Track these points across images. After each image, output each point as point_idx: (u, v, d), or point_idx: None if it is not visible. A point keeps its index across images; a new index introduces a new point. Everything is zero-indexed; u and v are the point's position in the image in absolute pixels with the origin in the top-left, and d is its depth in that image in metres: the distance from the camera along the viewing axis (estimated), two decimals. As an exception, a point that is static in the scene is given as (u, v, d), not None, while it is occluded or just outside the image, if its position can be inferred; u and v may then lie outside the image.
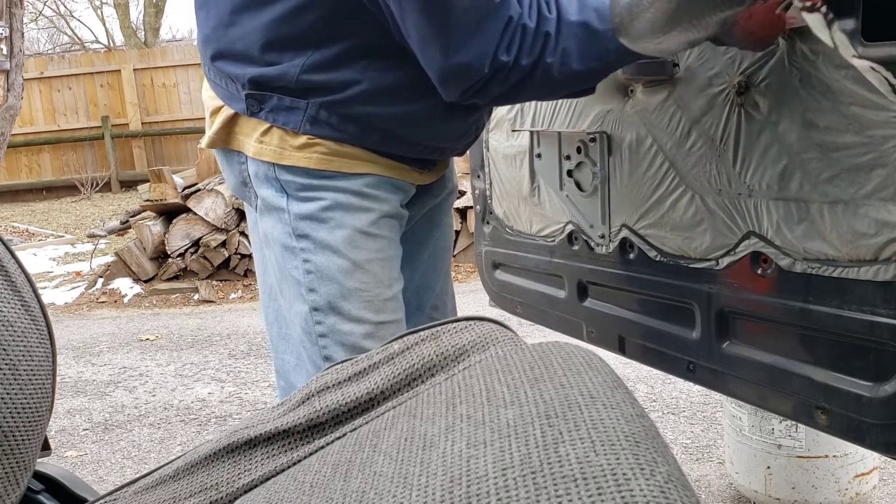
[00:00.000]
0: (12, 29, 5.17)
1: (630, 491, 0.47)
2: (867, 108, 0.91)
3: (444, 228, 1.43)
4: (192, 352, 3.72)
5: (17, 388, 0.78)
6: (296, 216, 1.17)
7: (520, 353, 0.74)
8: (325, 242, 1.16)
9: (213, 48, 1.18)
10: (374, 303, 1.19)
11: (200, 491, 0.77)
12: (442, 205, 1.40)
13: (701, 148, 1.15)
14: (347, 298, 1.17)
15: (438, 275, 1.43)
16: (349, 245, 1.16)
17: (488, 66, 1.02)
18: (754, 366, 1.13)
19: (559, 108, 1.43)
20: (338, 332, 1.18)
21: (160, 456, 2.58)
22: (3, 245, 0.87)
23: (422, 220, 1.36)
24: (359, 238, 1.17)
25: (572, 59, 1.04)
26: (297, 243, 1.17)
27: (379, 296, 1.19)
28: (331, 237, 1.16)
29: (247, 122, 1.17)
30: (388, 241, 1.21)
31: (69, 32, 17.19)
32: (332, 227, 1.16)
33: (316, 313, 1.18)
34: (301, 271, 1.18)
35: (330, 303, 1.17)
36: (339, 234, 1.16)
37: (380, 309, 1.19)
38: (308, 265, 1.17)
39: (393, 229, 1.22)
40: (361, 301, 1.18)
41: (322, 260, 1.16)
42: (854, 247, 0.96)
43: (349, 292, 1.17)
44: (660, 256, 1.27)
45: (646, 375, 2.85)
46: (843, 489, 1.78)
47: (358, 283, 1.17)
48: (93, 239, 6.05)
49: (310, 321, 1.19)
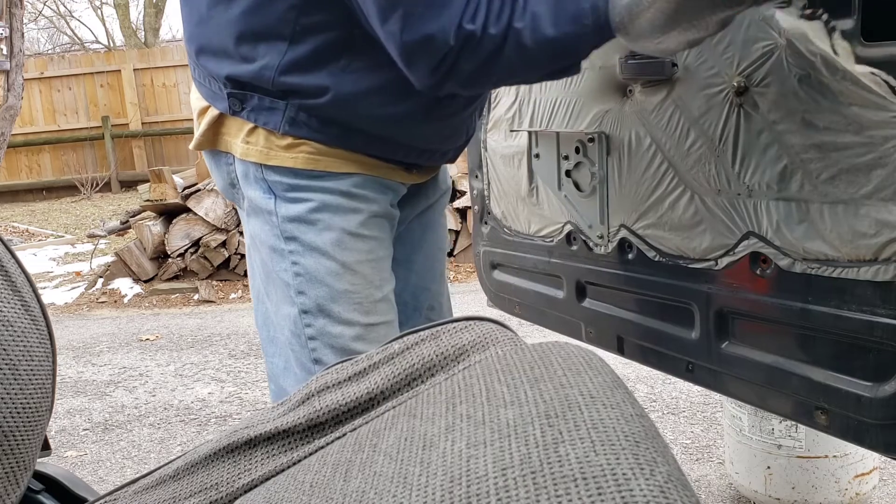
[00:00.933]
0: (12, 29, 5.17)
1: (630, 491, 0.47)
2: (867, 108, 0.91)
3: (439, 229, 1.43)
4: (192, 352, 3.72)
5: (17, 388, 0.78)
6: (283, 218, 1.16)
7: (520, 353, 0.74)
8: (314, 245, 1.15)
9: (195, 44, 1.17)
10: (363, 304, 1.18)
11: (200, 491, 0.77)
12: (435, 206, 1.39)
13: (700, 148, 1.15)
14: (337, 301, 1.16)
15: (434, 275, 1.42)
16: (338, 247, 1.15)
17: (453, 38, 0.97)
18: (754, 366, 1.13)
19: (557, 108, 1.44)
20: (327, 335, 1.17)
21: (160, 456, 2.58)
22: (3, 245, 0.87)
23: (416, 221, 1.36)
24: (347, 239, 1.16)
25: (544, 24, 0.98)
26: (286, 245, 1.16)
27: (369, 297, 1.18)
28: (319, 239, 1.15)
29: (232, 123, 1.17)
30: (377, 241, 1.20)
31: (69, 32, 17.21)
32: (321, 228, 1.15)
33: (305, 316, 1.17)
34: (290, 274, 1.17)
35: (319, 305, 1.16)
36: (327, 235, 1.15)
37: (370, 311, 1.19)
38: (297, 268, 1.16)
39: (383, 229, 1.21)
40: (351, 303, 1.17)
41: (310, 262, 1.15)
42: (854, 247, 0.96)
43: (338, 294, 1.16)
44: (659, 257, 1.27)
45: (646, 375, 2.85)
46: (843, 489, 1.78)
47: (347, 286, 1.16)
48: (93, 239, 6.05)
49: (299, 324, 1.18)
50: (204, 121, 1.20)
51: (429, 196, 1.36)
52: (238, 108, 1.14)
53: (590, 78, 1.34)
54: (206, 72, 1.17)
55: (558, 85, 1.42)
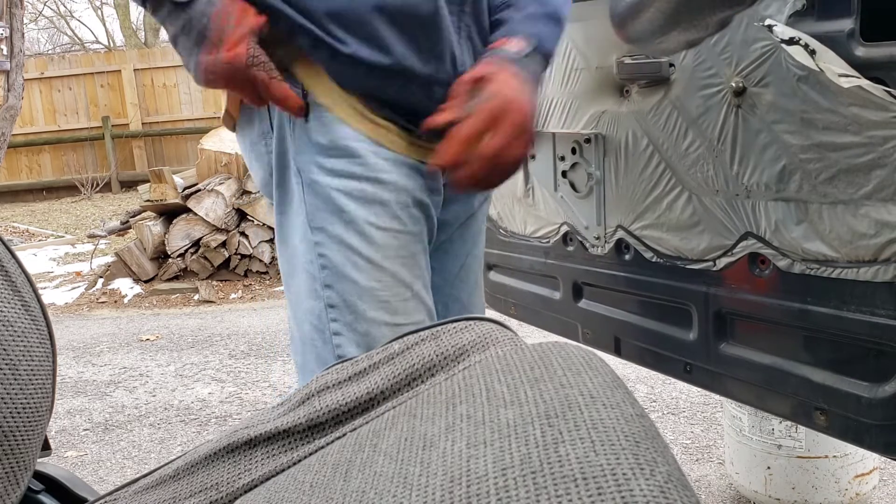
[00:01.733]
0: (12, 29, 5.17)
1: (630, 491, 0.47)
2: (866, 108, 0.91)
3: (478, 238, 1.37)
4: (192, 352, 3.72)
5: (17, 388, 0.78)
6: (312, 206, 1.11)
7: (520, 353, 0.74)
8: (341, 238, 1.10)
9: None
10: (391, 303, 1.13)
11: (200, 491, 0.77)
12: (477, 214, 1.34)
13: (698, 148, 1.15)
14: (363, 298, 1.12)
15: (466, 285, 1.36)
16: (365, 240, 1.10)
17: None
18: (752, 367, 1.13)
19: (554, 108, 1.44)
20: (354, 332, 1.13)
21: (160, 456, 2.58)
22: (3, 245, 0.87)
23: (458, 231, 1.31)
24: (376, 233, 1.11)
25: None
26: (313, 237, 1.12)
27: (397, 296, 1.14)
28: (346, 232, 1.10)
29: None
30: (409, 235, 1.14)
31: (69, 33, 17.21)
32: (347, 220, 1.10)
33: (332, 310, 1.12)
34: (316, 266, 1.12)
35: (346, 301, 1.11)
36: (354, 228, 1.10)
37: (397, 310, 1.14)
38: (323, 260, 1.12)
39: (416, 221, 1.15)
40: (377, 301, 1.12)
41: (337, 256, 1.11)
42: (853, 247, 0.96)
43: (365, 291, 1.11)
44: (656, 257, 1.27)
45: (646, 376, 2.85)
46: (843, 489, 1.78)
47: (374, 283, 1.12)
48: (93, 239, 6.05)
49: (324, 318, 1.13)
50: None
51: (472, 204, 1.31)
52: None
53: (586, 78, 1.34)
54: None
55: (555, 85, 1.42)
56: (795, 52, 0.95)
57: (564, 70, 1.38)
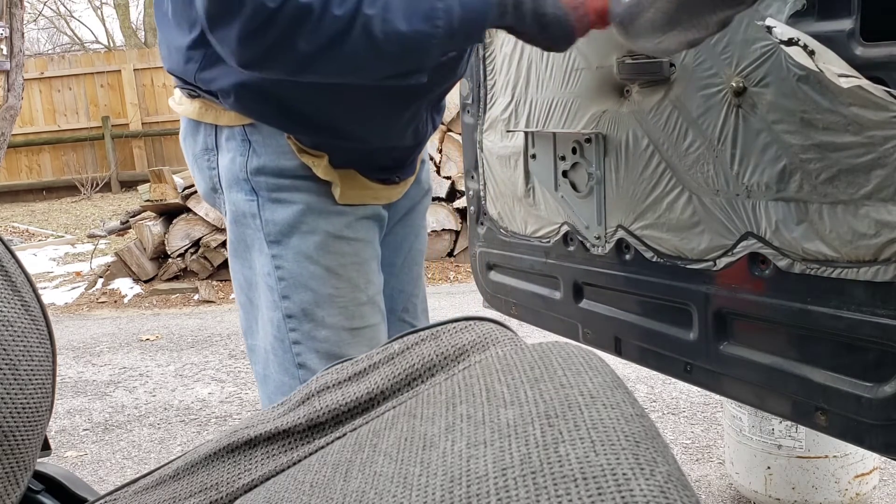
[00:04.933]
0: (12, 29, 5.17)
1: (630, 491, 0.47)
2: (866, 108, 0.91)
3: (420, 231, 1.41)
4: (192, 352, 3.72)
5: (17, 388, 0.78)
6: (267, 222, 1.14)
7: (520, 353, 0.74)
8: (298, 248, 1.13)
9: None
10: (348, 308, 1.16)
11: (200, 491, 0.77)
12: (418, 207, 1.38)
13: (698, 148, 1.15)
14: (321, 305, 1.14)
15: (411, 278, 1.40)
16: (322, 250, 1.13)
17: (276, 3, 0.87)
18: (752, 367, 1.13)
19: (554, 108, 1.43)
20: (312, 339, 1.15)
21: (160, 456, 2.58)
22: (3, 245, 0.87)
23: (399, 224, 1.34)
24: (332, 243, 1.14)
25: (396, 16, 0.92)
26: (269, 249, 1.14)
27: (354, 301, 1.17)
28: (303, 243, 1.13)
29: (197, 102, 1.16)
30: (363, 243, 1.18)
31: (69, 33, 17.21)
32: (305, 232, 1.13)
33: (290, 320, 1.15)
34: (274, 278, 1.15)
35: (304, 310, 1.14)
36: (311, 239, 1.13)
37: (354, 315, 1.17)
38: (281, 272, 1.14)
39: (370, 230, 1.19)
40: (336, 307, 1.15)
41: (294, 267, 1.13)
42: (853, 247, 0.96)
43: (323, 299, 1.14)
44: (656, 257, 1.27)
45: (646, 376, 2.85)
46: (843, 489, 1.78)
47: (332, 290, 1.14)
48: (93, 239, 6.05)
49: (283, 328, 1.16)
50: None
51: (412, 197, 1.34)
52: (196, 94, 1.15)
53: (587, 78, 1.34)
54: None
55: (555, 85, 1.42)
56: (795, 52, 0.95)
57: (565, 70, 1.38)
